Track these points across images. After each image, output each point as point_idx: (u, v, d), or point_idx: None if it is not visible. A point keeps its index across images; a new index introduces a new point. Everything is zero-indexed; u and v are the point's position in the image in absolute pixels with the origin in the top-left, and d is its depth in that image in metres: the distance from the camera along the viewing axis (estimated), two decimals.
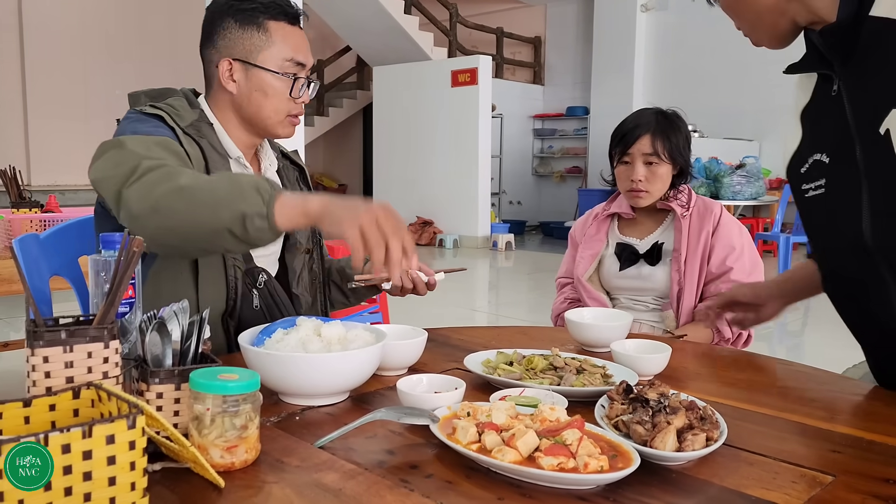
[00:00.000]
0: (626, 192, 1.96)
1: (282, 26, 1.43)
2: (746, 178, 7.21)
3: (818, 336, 4.95)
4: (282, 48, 1.42)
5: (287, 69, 1.43)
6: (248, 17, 1.41)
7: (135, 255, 0.90)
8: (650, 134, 1.90)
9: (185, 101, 1.45)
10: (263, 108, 1.43)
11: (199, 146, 1.37)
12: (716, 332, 1.86)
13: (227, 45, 1.43)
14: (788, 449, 0.94)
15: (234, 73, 1.43)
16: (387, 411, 0.95)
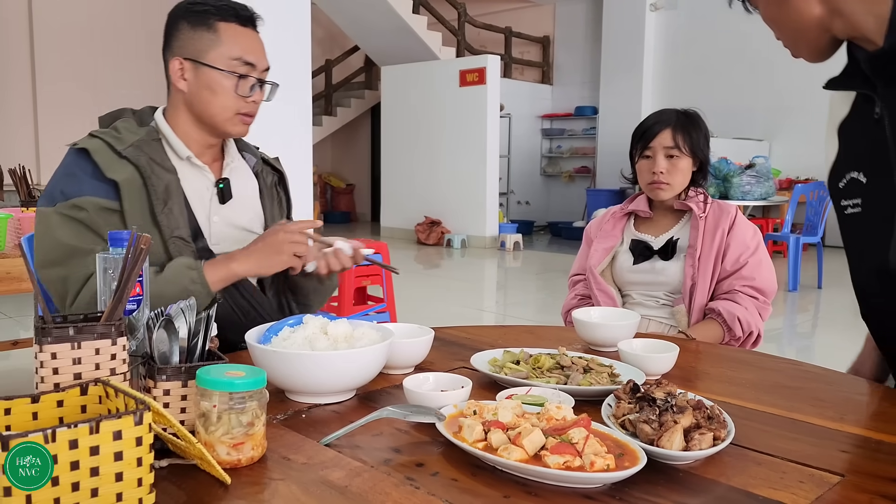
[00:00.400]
0: (648, 185, 2.00)
1: (231, 27, 1.47)
2: (756, 178, 7.18)
3: (828, 337, 4.92)
4: (230, 47, 1.46)
5: (234, 67, 1.46)
6: (200, 18, 1.47)
7: (142, 253, 0.90)
8: (671, 128, 1.95)
9: (132, 122, 1.51)
10: (211, 105, 1.48)
11: (135, 166, 1.41)
12: (727, 332, 1.86)
13: (179, 45, 1.48)
14: (796, 448, 0.94)
15: (185, 72, 1.48)
16: (393, 409, 0.95)
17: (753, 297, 1.90)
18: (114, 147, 1.42)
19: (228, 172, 1.58)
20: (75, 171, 1.41)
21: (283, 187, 1.72)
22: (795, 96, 9.28)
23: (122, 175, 1.39)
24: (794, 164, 9.30)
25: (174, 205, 1.44)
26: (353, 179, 13.43)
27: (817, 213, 6.38)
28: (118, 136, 1.44)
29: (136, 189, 1.40)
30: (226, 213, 1.54)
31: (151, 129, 1.51)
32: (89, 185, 1.39)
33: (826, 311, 5.70)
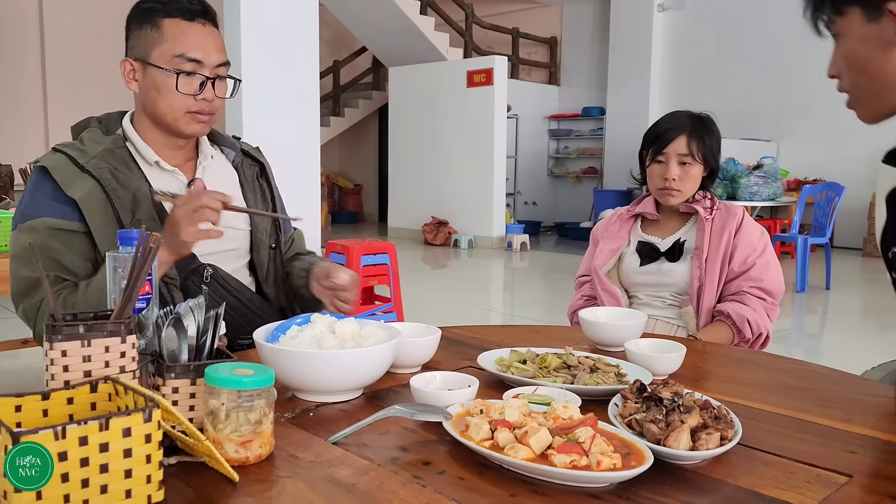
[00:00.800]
0: (658, 190, 1.99)
1: (175, 23, 1.43)
2: (764, 178, 7.15)
3: (836, 338, 4.90)
4: (171, 44, 1.42)
5: (177, 65, 1.42)
6: (146, 16, 1.44)
7: (152, 252, 0.91)
8: (686, 135, 1.94)
9: (98, 131, 1.49)
10: (158, 104, 1.45)
11: (97, 180, 1.39)
12: (736, 333, 1.86)
13: (130, 46, 1.47)
14: (804, 449, 0.94)
15: (136, 73, 1.46)
16: (400, 408, 0.95)
17: (761, 298, 1.90)
18: (76, 161, 1.40)
19: (201, 172, 1.55)
20: (35, 191, 1.40)
21: (265, 178, 1.69)
22: (803, 97, 9.24)
23: (82, 191, 1.37)
24: (802, 165, 9.26)
25: (142, 214, 1.42)
26: (360, 180, 13.45)
27: (825, 214, 6.36)
28: (82, 149, 1.42)
29: (98, 204, 1.38)
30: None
31: (118, 136, 1.49)
32: (46, 207, 1.38)
33: (834, 312, 5.67)
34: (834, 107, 8.97)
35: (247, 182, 1.64)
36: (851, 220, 8.79)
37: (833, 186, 6.42)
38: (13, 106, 8.84)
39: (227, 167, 1.63)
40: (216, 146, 1.64)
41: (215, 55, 1.46)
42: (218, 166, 1.60)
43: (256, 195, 1.65)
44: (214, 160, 1.60)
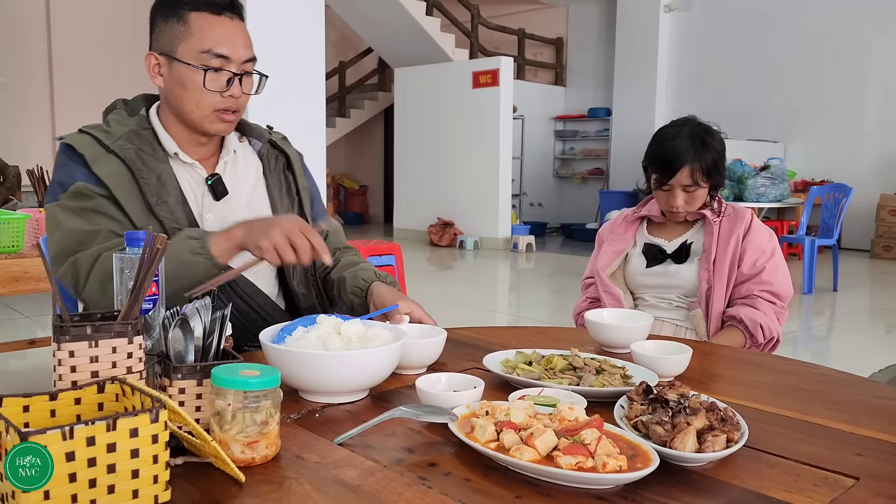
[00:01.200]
0: (667, 212, 2.01)
1: (203, 17, 1.39)
2: (771, 179, 7.13)
3: (844, 340, 4.88)
4: (199, 39, 1.38)
5: (204, 61, 1.38)
6: (171, 9, 1.40)
7: (158, 253, 0.91)
8: (688, 165, 1.91)
9: (123, 113, 1.48)
10: (184, 101, 1.42)
11: (122, 160, 1.38)
12: (749, 338, 1.86)
13: (155, 39, 1.43)
14: (811, 451, 0.93)
15: (161, 67, 1.43)
16: (406, 409, 0.95)
17: (771, 301, 1.89)
18: (101, 141, 1.39)
19: (222, 168, 1.51)
20: (66, 161, 1.40)
21: (290, 170, 1.63)
22: (810, 98, 9.22)
23: (107, 170, 1.37)
24: (809, 166, 9.23)
25: (169, 196, 1.41)
26: (366, 181, 13.46)
27: (833, 216, 6.33)
28: (107, 131, 1.41)
29: (125, 184, 1.37)
30: (221, 211, 1.48)
31: (142, 117, 1.47)
32: (80, 173, 1.37)
33: (842, 314, 5.65)
34: (841, 108, 8.98)
35: (271, 174, 1.59)
36: (859, 221, 8.75)
37: (840, 188, 6.40)
38: (20, 107, 8.88)
39: (250, 159, 1.58)
40: (243, 137, 1.60)
41: (243, 50, 1.42)
42: (241, 160, 1.56)
43: (281, 187, 1.60)
44: (237, 154, 1.56)
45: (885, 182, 8.69)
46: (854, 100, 8.97)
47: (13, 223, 2.49)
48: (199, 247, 1.26)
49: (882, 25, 8.71)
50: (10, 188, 6.22)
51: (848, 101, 9.01)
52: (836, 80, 9.03)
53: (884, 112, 8.77)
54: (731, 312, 1.89)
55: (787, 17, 9.34)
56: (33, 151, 8.49)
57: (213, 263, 1.27)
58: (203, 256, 1.26)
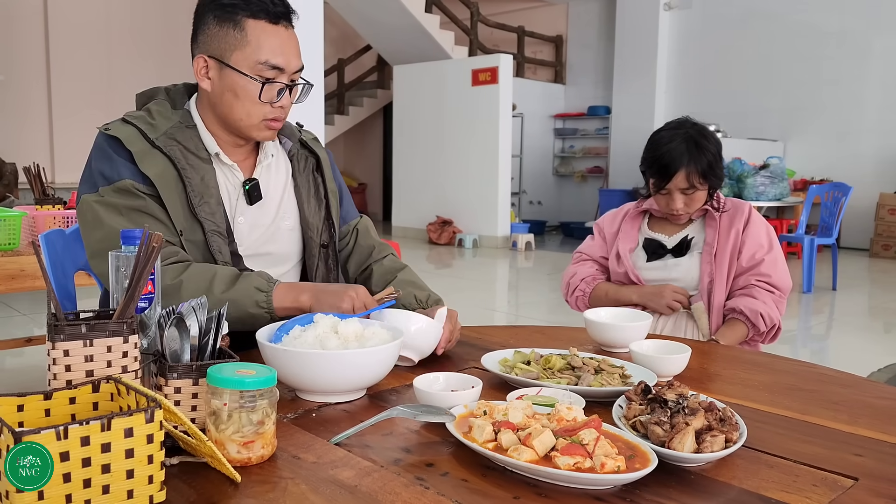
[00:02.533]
0: (667, 215, 2.02)
1: (260, 25, 1.35)
2: (770, 178, 7.13)
3: (843, 339, 4.88)
4: (256, 50, 1.35)
5: (260, 72, 1.36)
6: (227, 13, 1.36)
7: (154, 251, 0.91)
8: (684, 169, 1.91)
9: (167, 104, 1.44)
10: (234, 109, 1.39)
11: (168, 157, 1.36)
12: (751, 328, 1.87)
13: (205, 41, 1.39)
14: (809, 452, 0.93)
15: (210, 70, 1.39)
16: (403, 409, 0.95)
17: (770, 291, 1.91)
18: (146, 135, 1.36)
19: (259, 172, 1.49)
20: (111, 154, 1.35)
21: (318, 171, 1.60)
22: (810, 97, 9.21)
23: (155, 169, 1.34)
24: (808, 165, 9.23)
25: (211, 198, 1.39)
26: (365, 179, 13.45)
27: (832, 215, 6.33)
28: (152, 123, 1.38)
29: (171, 182, 1.35)
30: (252, 215, 1.47)
31: (186, 113, 1.44)
32: (127, 170, 1.34)
33: (841, 313, 5.65)
34: (841, 107, 8.98)
35: (300, 175, 1.56)
36: (858, 220, 8.76)
37: (840, 187, 6.40)
38: (17, 105, 8.86)
39: (281, 160, 1.56)
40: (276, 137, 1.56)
41: (295, 61, 1.40)
42: (275, 164, 1.54)
43: (309, 190, 1.57)
44: (273, 160, 1.53)
45: (885, 181, 8.68)
46: (853, 98, 8.97)
47: (10, 220, 2.48)
48: (264, 302, 1.29)
49: (882, 24, 8.70)
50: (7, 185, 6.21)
51: (847, 100, 9.01)
52: (836, 78, 9.02)
53: (883, 111, 8.76)
54: (730, 305, 1.91)
55: (787, 15, 9.33)
56: (30, 149, 8.48)
57: (272, 319, 1.28)
58: (266, 311, 1.29)
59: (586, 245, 2.18)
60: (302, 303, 1.30)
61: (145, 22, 9.56)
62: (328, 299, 1.28)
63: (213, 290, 1.27)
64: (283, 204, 1.52)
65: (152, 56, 9.48)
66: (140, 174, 1.34)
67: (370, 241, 1.65)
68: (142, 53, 9.48)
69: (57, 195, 3.14)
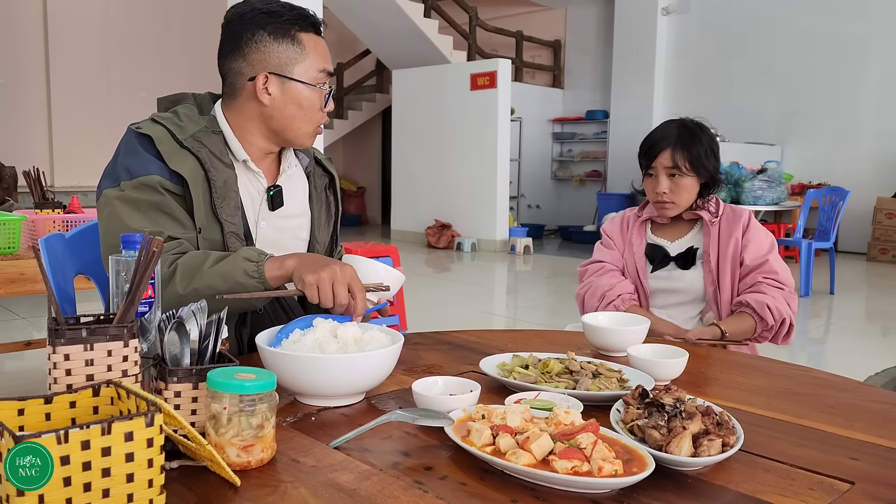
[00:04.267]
0: (654, 203, 2.02)
1: (312, 38, 1.45)
2: (768, 182, 7.14)
3: (840, 343, 4.89)
4: (314, 60, 1.44)
5: (320, 80, 1.45)
6: (282, 30, 1.42)
7: (154, 256, 0.91)
8: (670, 148, 1.94)
9: (194, 109, 1.47)
10: (297, 119, 1.45)
11: (197, 158, 1.39)
12: (758, 321, 1.87)
13: (261, 58, 1.42)
14: (806, 455, 0.93)
15: (270, 85, 1.43)
16: (402, 413, 0.95)
17: (779, 287, 1.91)
18: (175, 136, 1.39)
19: (283, 180, 1.54)
20: (140, 150, 1.38)
21: (331, 190, 1.67)
22: (808, 101, 9.24)
23: (187, 168, 1.37)
24: (806, 169, 9.26)
25: (231, 201, 1.42)
26: (363, 182, 13.46)
27: (829, 219, 6.35)
28: (180, 125, 1.41)
29: (199, 181, 1.39)
30: (274, 220, 1.51)
31: (212, 118, 1.48)
32: (156, 167, 1.36)
33: (838, 317, 5.66)
34: (838, 111, 9.00)
35: (315, 192, 1.62)
36: (856, 224, 8.77)
37: (837, 191, 6.41)
38: (17, 108, 8.87)
39: (300, 175, 1.61)
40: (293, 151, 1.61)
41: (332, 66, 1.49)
42: (295, 175, 1.59)
43: (322, 207, 1.62)
44: (293, 170, 1.58)
45: (882, 185, 8.71)
46: (851, 103, 8.99)
47: (9, 224, 2.49)
48: (254, 270, 1.28)
49: (879, 29, 8.73)
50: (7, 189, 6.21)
51: (845, 104, 9.03)
52: (833, 83, 9.05)
53: (880, 115, 8.79)
54: (738, 300, 1.92)
55: (785, 20, 9.36)
56: (30, 153, 8.48)
57: (264, 287, 1.29)
58: (257, 280, 1.28)
59: (604, 254, 2.11)
60: (287, 267, 1.29)
61: (144, 27, 9.57)
62: (309, 265, 1.26)
63: (204, 266, 1.29)
64: (301, 216, 1.58)
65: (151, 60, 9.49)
66: (168, 172, 1.37)
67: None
68: (140, 58, 9.49)
69: (56, 199, 3.14)
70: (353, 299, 1.25)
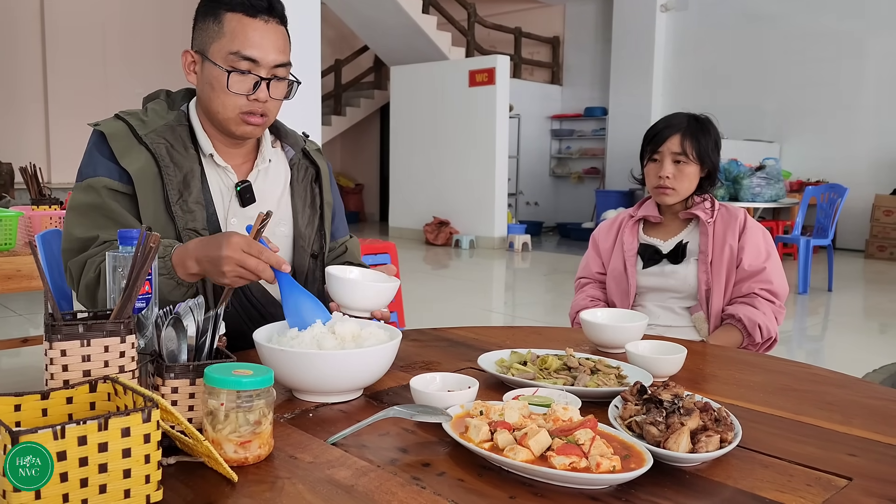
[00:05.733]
0: (654, 188, 2.01)
1: (237, 18, 1.37)
2: (766, 179, 7.14)
3: (839, 340, 4.90)
4: (230, 41, 1.36)
5: (231, 62, 1.36)
6: (211, 8, 1.40)
7: (151, 252, 0.91)
8: (680, 134, 1.95)
9: (164, 104, 1.47)
10: (213, 101, 1.41)
11: (152, 153, 1.38)
12: (746, 337, 1.86)
13: (194, 38, 1.43)
14: (804, 452, 0.93)
15: (196, 65, 1.43)
16: (400, 409, 0.95)
17: (771, 300, 1.90)
18: (135, 131, 1.39)
19: (255, 176, 1.50)
20: (93, 150, 1.40)
21: (317, 182, 1.61)
22: (806, 98, 9.24)
23: (136, 164, 1.36)
24: (804, 167, 9.26)
25: (190, 196, 1.40)
26: (361, 179, 13.45)
27: (828, 216, 6.35)
28: (143, 120, 1.41)
29: (149, 178, 1.37)
30: (246, 217, 1.47)
31: (181, 113, 1.46)
32: (105, 168, 1.37)
33: (836, 314, 5.66)
34: (836, 109, 9.00)
35: (297, 184, 1.57)
36: (854, 221, 8.78)
37: (836, 188, 6.41)
38: (13, 104, 8.84)
39: (282, 167, 1.56)
40: (276, 142, 1.58)
41: (274, 55, 1.39)
42: (273, 168, 1.54)
43: (305, 199, 1.58)
44: (270, 165, 1.54)
45: (880, 182, 8.71)
46: (849, 100, 8.99)
47: (6, 220, 2.48)
48: (162, 267, 1.24)
49: (877, 26, 8.73)
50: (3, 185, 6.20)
51: (843, 102, 9.04)
52: (832, 80, 9.05)
53: (878, 112, 8.79)
54: (730, 311, 1.90)
55: (783, 17, 9.36)
56: (26, 149, 8.46)
57: (177, 283, 1.25)
58: (167, 276, 1.24)
59: (583, 265, 2.17)
60: (190, 267, 1.23)
61: (141, 24, 9.54)
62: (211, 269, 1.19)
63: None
64: (279, 210, 1.53)
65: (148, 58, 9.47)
66: (119, 171, 1.37)
67: (357, 257, 1.69)
68: (137, 55, 9.46)
69: (53, 195, 3.13)
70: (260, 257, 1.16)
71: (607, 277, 2.08)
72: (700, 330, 1.93)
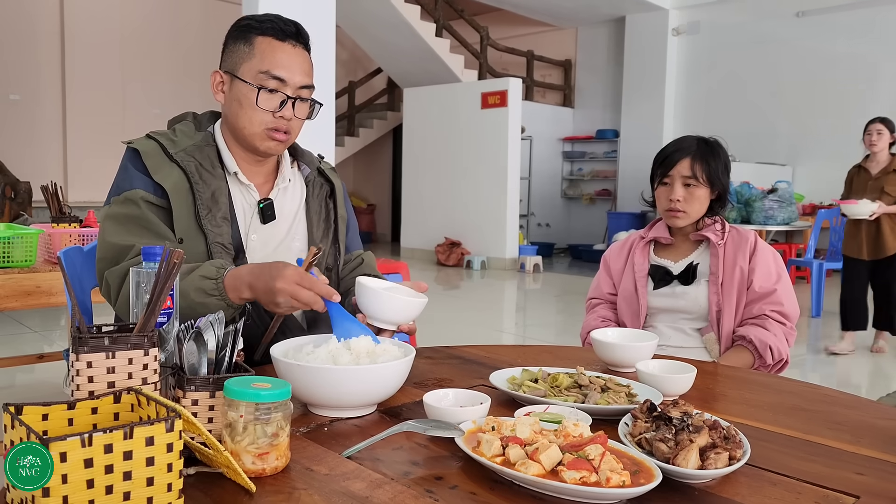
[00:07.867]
0: (665, 211, 2.02)
1: (267, 41, 1.47)
2: (779, 202, 7.14)
3: (853, 364, 4.86)
4: (260, 61, 1.46)
5: (261, 81, 1.46)
6: (242, 33, 1.49)
7: (175, 268, 0.94)
8: (690, 157, 1.97)
9: (192, 126, 1.55)
10: (240, 118, 1.48)
11: (183, 170, 1.45)
12: (757, 358, 1.86)
13: (224, 59, 1.53)
14: (812, 470, 0.94)
15: (224, 84, 1.51)
16: (413, 423, 0.97)
17: (782, 322, 1.90)
18: (166, 150, 1.46)
19: (276, 194, 1.57)
20: (128, 165, 1.47)
21: (332, 199, 1.68)
22: (819, 121, 9.23)
23: (170, 180, 1.43)
24: (817, 189, 9.23)
25: (219, 212, 1.46)
26: (374, 199, 13.52)
27: (841, 239, 6.32)
28: (173, 140, 1.49)
29: (182, 193, 1.44)
30: (265, 234, 1.54)
31: (208, 134, 1.54)
32: (140, 180, 1.44)
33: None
34: (849, 131, 8.98)
35: (312, 199, 1.64)
36: None
37: None
38: (32, 124, 8.99)
39: (299, 185, 1.64)
40: (294, 163, 1.65)
41: (300, 76, 1.49)
42: (291, 187, 1.62)
43: (320, 214, 1.65)
44: (289, 184, 1.61)
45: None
46: (861, 123, 8.93)
47: (26, 238, 2.53)
48: (213, 289, 1.29)
49: (889, 50, 8.74)
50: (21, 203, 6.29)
51: (855, 125, 9.01)
52: (844, 103, 9.05)
53: None
54: (741, 332, 1.90)
55: (795, 40, 9.39)
56: (45, 168, 8.58)
57: (227, 305, 1.30)
58: (218, 298, 1.29)
59: (594, 285, 2.18)
60: (242, 291, 1.29)
61: (159, 44, 9.70)
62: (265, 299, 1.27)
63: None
64: (294, 225, 1.59)
65: (165, 77, 9.61)
66: (153, 185, 1.43)
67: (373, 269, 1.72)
68: (154, 76, 9.61)
69: (72, 213, 3.18)
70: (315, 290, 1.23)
71: (618, 298, 2.09)
72: (711, 351, 1.94)
